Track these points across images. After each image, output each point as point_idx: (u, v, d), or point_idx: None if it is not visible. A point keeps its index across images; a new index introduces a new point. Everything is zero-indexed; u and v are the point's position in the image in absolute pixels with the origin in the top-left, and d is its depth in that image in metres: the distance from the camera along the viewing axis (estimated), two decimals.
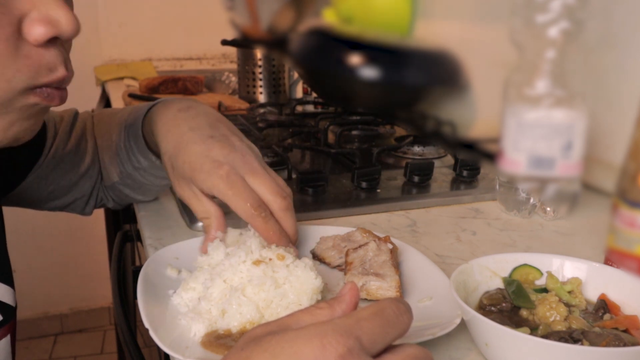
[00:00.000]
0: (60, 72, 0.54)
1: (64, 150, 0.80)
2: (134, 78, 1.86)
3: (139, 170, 0.79)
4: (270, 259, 0.59)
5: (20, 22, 0.50)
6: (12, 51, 0.50)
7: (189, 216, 0.81)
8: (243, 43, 1.47)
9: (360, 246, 0.67)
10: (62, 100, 0.56)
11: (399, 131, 1.26)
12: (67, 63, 0.55)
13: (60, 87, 0.55)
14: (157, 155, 0.75)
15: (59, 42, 0.53)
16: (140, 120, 0.75)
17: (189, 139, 0.67)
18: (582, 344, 0.50)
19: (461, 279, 0.57)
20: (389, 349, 0.40)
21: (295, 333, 0.38)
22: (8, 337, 0.68)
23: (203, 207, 0.67)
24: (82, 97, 1.33)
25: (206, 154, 0.65)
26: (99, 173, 0.84)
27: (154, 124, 0.72)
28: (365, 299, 0.61)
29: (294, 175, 0.95)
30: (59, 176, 0.80)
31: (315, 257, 0.71)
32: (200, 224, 0.79)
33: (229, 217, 0.67)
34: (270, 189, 0.65)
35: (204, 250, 0.64)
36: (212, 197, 0.67)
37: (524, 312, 0.56)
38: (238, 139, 0.69)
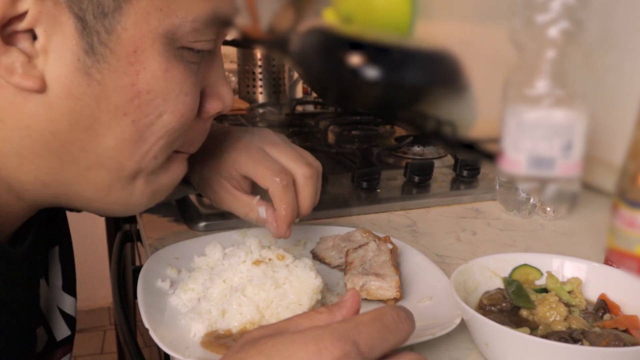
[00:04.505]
0: (200, 143, 0.55)
1: None
2: None
3: None
4: (270, 259, 0.58)
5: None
6: (190, 122, 0.50)
7: (189, 216, 0.81)
8: (243, 43, 1.47)
9: (360, 246, 0.67)
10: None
11: (399, 131, 1.26)
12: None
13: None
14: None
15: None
16: None
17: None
18: (582, 344, 0.50)
19: (461, 279, 0.57)
20: (387, 355, 0.40)
21: (291, 336, 0.38)
22: (70, 354, 0.67)
23: (242, 203, 0.64)
24: None
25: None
26: None
27: None
28: (365, 299, 0.61)
29: None
30: None
31: (315, 257, 0.71)
32: (201, 224, 0.79)
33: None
34: (291, 157, 0.63)
35: (284, 234, 0.62)
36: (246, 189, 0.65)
37: (524, 312, 0.56)
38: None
